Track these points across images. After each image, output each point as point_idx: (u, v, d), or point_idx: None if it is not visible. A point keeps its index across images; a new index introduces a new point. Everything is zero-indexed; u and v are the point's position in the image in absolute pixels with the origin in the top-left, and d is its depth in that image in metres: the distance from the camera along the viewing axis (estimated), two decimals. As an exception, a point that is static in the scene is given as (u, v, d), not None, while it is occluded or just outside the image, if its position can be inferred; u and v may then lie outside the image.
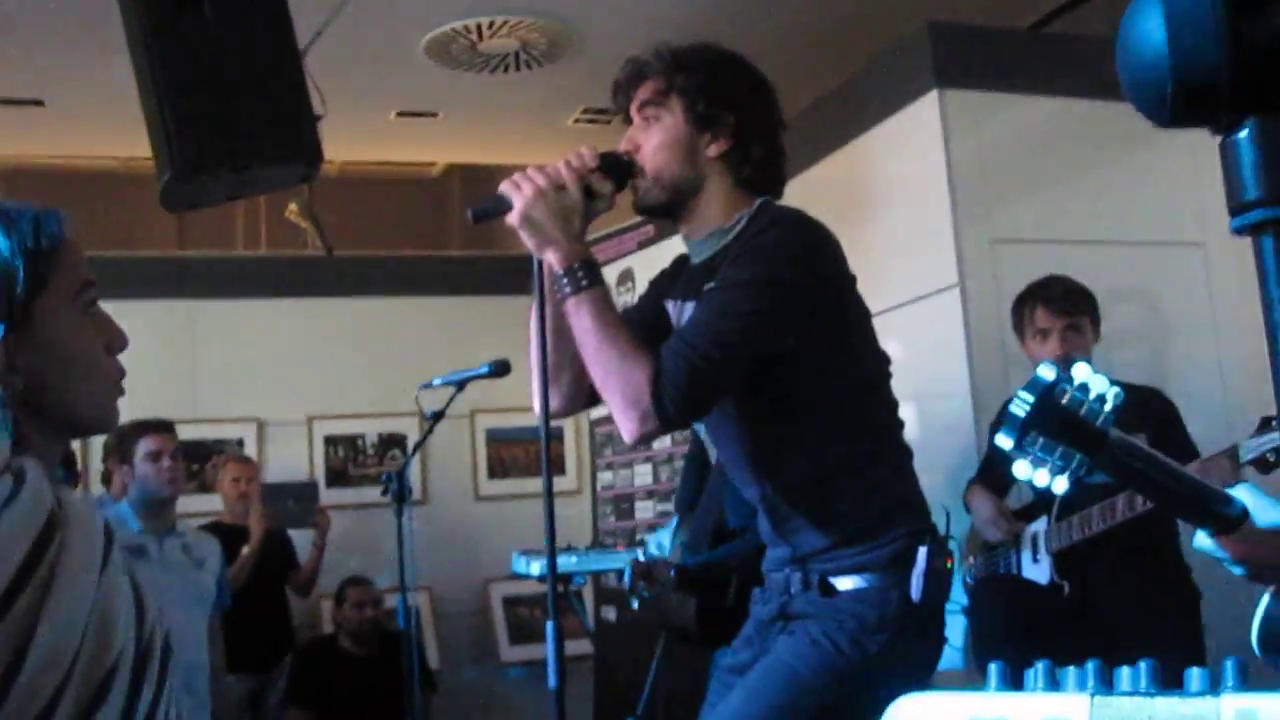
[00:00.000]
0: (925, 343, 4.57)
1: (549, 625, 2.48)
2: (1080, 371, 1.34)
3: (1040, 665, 1.03)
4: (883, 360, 2.37)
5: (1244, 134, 0.78)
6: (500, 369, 4.37)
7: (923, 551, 2.18)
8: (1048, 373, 1.32)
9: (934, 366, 4.53)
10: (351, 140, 6.52)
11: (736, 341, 2.11)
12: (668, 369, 2.07)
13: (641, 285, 6.23)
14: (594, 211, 2.27)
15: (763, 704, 2.17)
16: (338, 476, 6.79)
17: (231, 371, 6.77)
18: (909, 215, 4.77)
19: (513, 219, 2.16)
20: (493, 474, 7.09)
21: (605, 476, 6.63)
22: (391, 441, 6.88)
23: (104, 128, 6.23)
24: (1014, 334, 3.93)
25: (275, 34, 3.81)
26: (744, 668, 2.33)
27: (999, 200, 4.64)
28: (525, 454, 7.11)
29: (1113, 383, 1.32)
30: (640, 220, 5.95)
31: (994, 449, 4.00)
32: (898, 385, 2.40)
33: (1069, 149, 4.70)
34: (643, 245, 6.37)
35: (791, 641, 2.24)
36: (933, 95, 4.66)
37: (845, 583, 2.23)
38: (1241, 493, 1.73)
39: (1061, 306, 3.71)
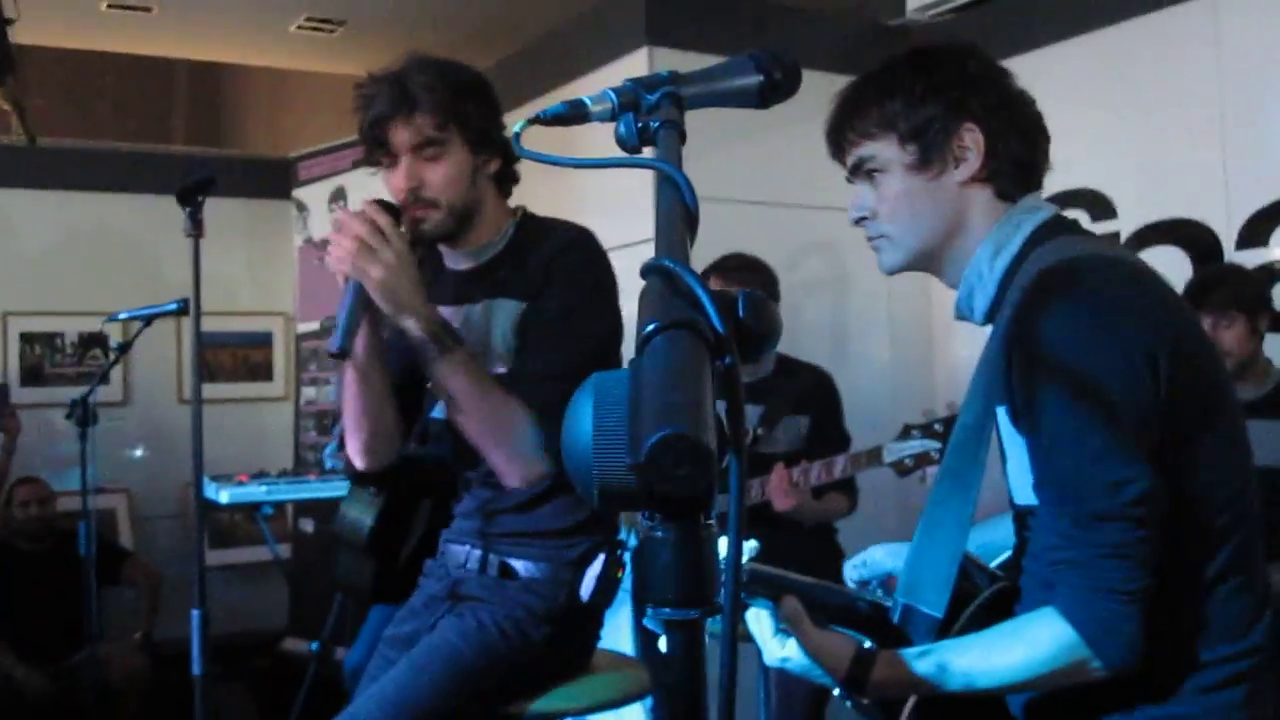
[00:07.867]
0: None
1: (195, 613, 2.54)
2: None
3: None
4: None
5: (659, 534, 0.83)
6: (186, 307, 4.31)
7: (600, 557, 2.32)
8: None
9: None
10: (61, 28, 6.23)
11: (586, 366, 2.20)
12: (546, 409, 2.19)
13: (354, 202, 6.22)
14: None
15: (424, 680, 2.28)
16: (33, 375, 6.56)
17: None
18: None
19: (372, 289, 2.18)
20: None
21: (309, 391, 6.64)
22: (93, 341, 6.63)
23: None
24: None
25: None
26: (408, 640, 2.45)
27: (692, 156, 4.81)
28: (233, 359, 7.00)
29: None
30: (354, 140, 5.88)
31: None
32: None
33: (763, 112, 4.89)
34: (356, 165, 6.30)
35: (458, 623, 2.37)
36: (643, 52, 4.82)
37: (523, 567, 2.40)
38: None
39: (735, 279, 3.93)
